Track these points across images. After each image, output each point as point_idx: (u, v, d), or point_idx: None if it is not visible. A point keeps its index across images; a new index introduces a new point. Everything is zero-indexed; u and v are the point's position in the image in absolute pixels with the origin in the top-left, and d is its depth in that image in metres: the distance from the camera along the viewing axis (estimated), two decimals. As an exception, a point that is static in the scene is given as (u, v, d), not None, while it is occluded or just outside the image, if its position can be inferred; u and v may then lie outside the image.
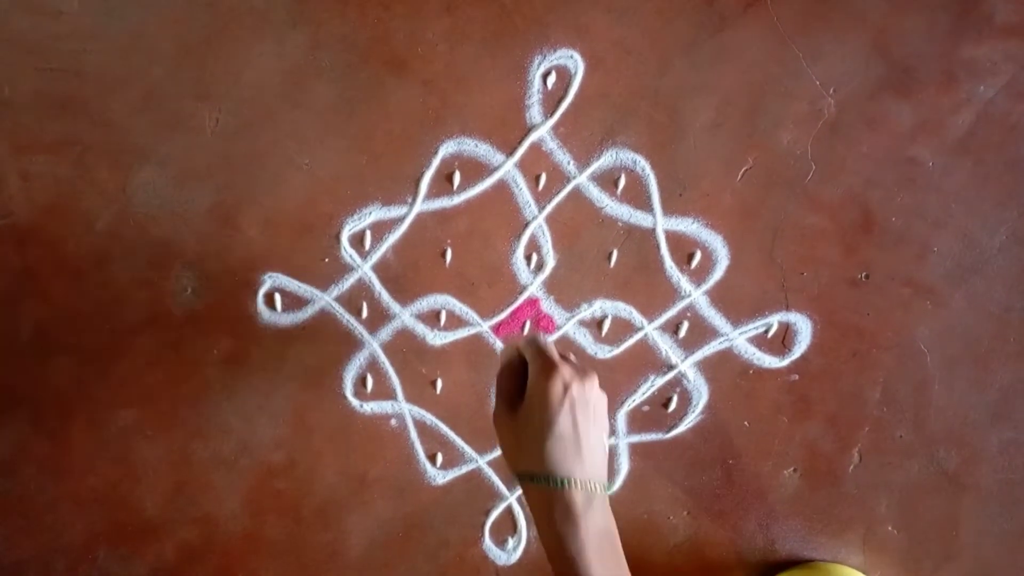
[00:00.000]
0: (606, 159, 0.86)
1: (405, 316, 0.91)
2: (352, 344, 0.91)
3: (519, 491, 0.95)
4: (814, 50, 0.81)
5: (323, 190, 0.87)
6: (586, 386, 0.63)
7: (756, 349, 0.89)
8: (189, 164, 0.87)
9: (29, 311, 0.91)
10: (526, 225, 0.88)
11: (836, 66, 0.81)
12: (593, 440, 0.62)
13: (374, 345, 0.91)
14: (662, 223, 0.87)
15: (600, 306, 0.89)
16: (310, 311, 0.90)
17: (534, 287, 0.89)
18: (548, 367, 0.63)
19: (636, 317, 0.89)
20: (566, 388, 0.61)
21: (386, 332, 0.91)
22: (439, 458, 0.95)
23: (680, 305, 0.89)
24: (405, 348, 0.92)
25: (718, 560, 0.95)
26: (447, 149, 0.86)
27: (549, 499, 0.59)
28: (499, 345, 0.91)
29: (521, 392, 0.64)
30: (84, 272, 0.90)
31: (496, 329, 0.91)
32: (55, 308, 0.91)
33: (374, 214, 0.88)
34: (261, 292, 0.90)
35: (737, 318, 0.89)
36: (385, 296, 0.90)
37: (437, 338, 0.91)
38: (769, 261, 0.87)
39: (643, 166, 0.86)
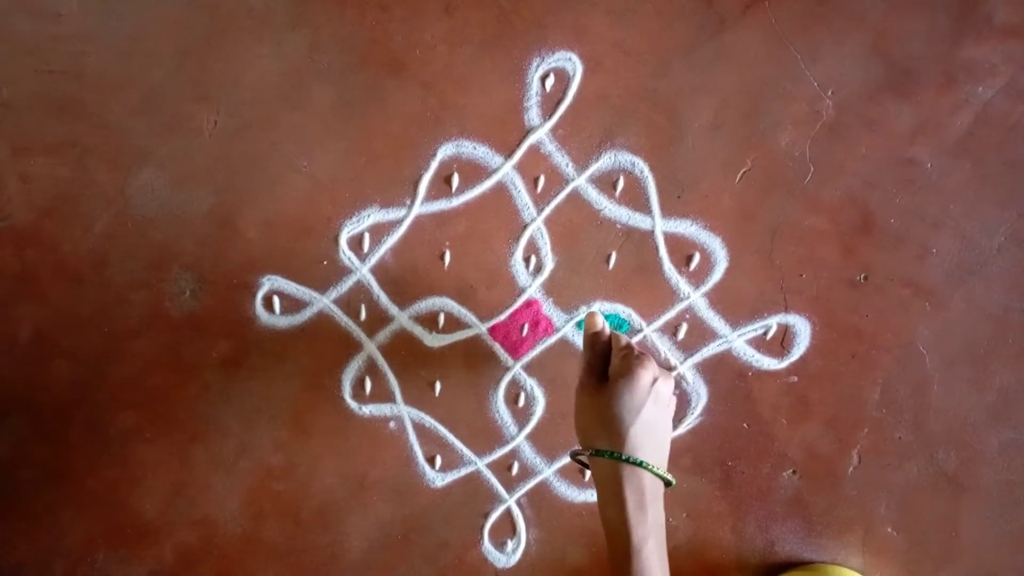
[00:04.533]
0: (605, 161, 0.86)
1: (404, 318, 0.91)
2: (351, 346, 0.91)
3: (518, 493, 0.95)
4: (813, 51, 0.81)
5: (322, 192, 0.87)
6: (670, 384, 0.68)
7: (755, 351, 0.89)
8: (188, 166, 0.87)
9: (27, 314, 0.91)
10: (525, 227, 0.88)
11: (835, 67, 0.81)
12: (667, 435, 0.67)
13: (372, 347, 0.91)
14: (661, 225, 0.87)
15: (599, 308, 0.89)
16: (309, 313, 0.90)
17: (533, 289, 0.89)
18: (640, 355, 0.66)
19: (635, 319, 0.89)
20: (654, 380, 0.65)
21: (385, 334, 0.91)
22: (438, 460, 0.95)
23: (679, 307, 0.89)
24: (404, 350, 0.91)
25: (717, 562, 0.95)
26: (446, 151, 0.86)
27: (621, 477, 0.62)
28: (499, 347, 0.91)
29: (605, 371, 0.68)
30: (83, 274, 0.90)
31: (494, 331, 0.91)
32: (54, 311, 0.91)
33: (373, 216, 0.88)
34: (260, 294, 0.90)
35: (736, 320, 0.89)
36: (384, 298, 0.90)
37: (436, 340, 0.91)
38: (768, 263, 0.86)
39: (642, 168, 0.85)
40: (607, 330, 0.72)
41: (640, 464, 0.62)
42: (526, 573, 0.97)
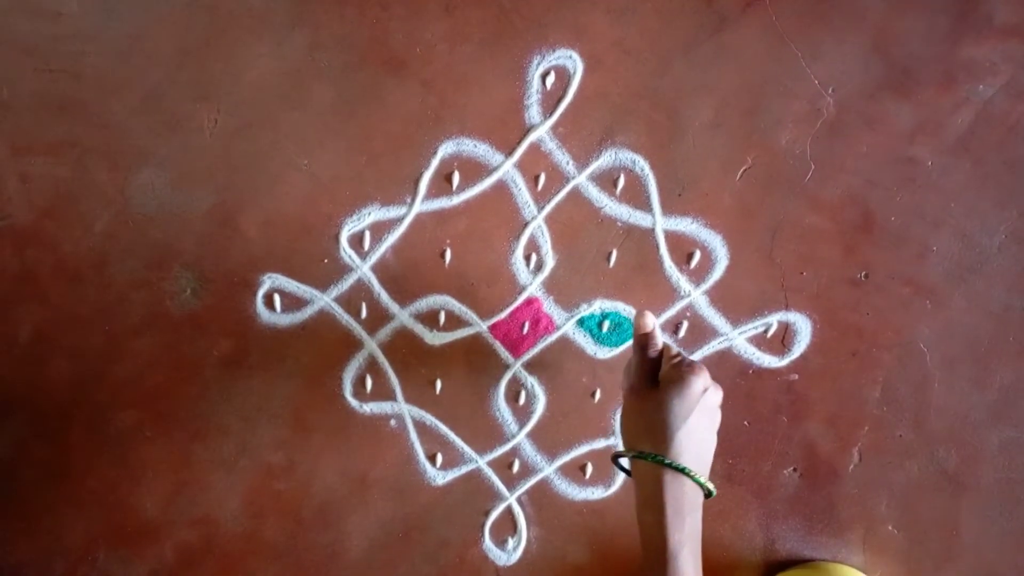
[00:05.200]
0: (605, 159, 0.86)
1: (404, 316, 0.91)
2: (351, 344, 0.91)
3: (519, 491, 0.95)
4: (813, 50, 0.81)
5: (322, 191, 0.87)
6: (718, 396, 0.68)
7: (756, 349, 0.89)
8: (188, 165, 0.87)
9: (28, 313, 0.91)
10: (525, 225, 0.88)
11: (835, 66, 0.81)
12: (711, 445, 0.67)
13: (373, 345, 0.91)
14: (661, 223, 0.87)
15: (599, 306, 0.89)
16: (309, 312, 0.90)
17: (533, 287, 0.89)
18: (692, 363, 0.67)
19: (636, 317, 0.89)
20: (704, 390, 0.66)
21: (385, 332, 0.91)
22: (439, 458, 0.95)
23: (679, 305, 0.89)
24: (404, 348, 0.91)
25: (718, 560, 0.95)
26: (446, 149, 0.86)
27: (662, 482, 0.62)
28: (500, 345, 0.91)
29: (655, 375, 0.68)
30: (83, 274, 0.90)
31: (494, 329, 0.91)
32: (54, 310, 0.91)
33: (373, 214, 0.88)
34: (260, 293, 0.90)
35: (736, 318, 0.89)
36: (384, 296, 0.90)
37: (436, 338, 0.91)
38: (768, 261, 0.87)
39: (642, 166, 0.86)
40: (658, 332, 0.72)
41: (682, 470, 0.62)
42: (527, 571, 0.97)
